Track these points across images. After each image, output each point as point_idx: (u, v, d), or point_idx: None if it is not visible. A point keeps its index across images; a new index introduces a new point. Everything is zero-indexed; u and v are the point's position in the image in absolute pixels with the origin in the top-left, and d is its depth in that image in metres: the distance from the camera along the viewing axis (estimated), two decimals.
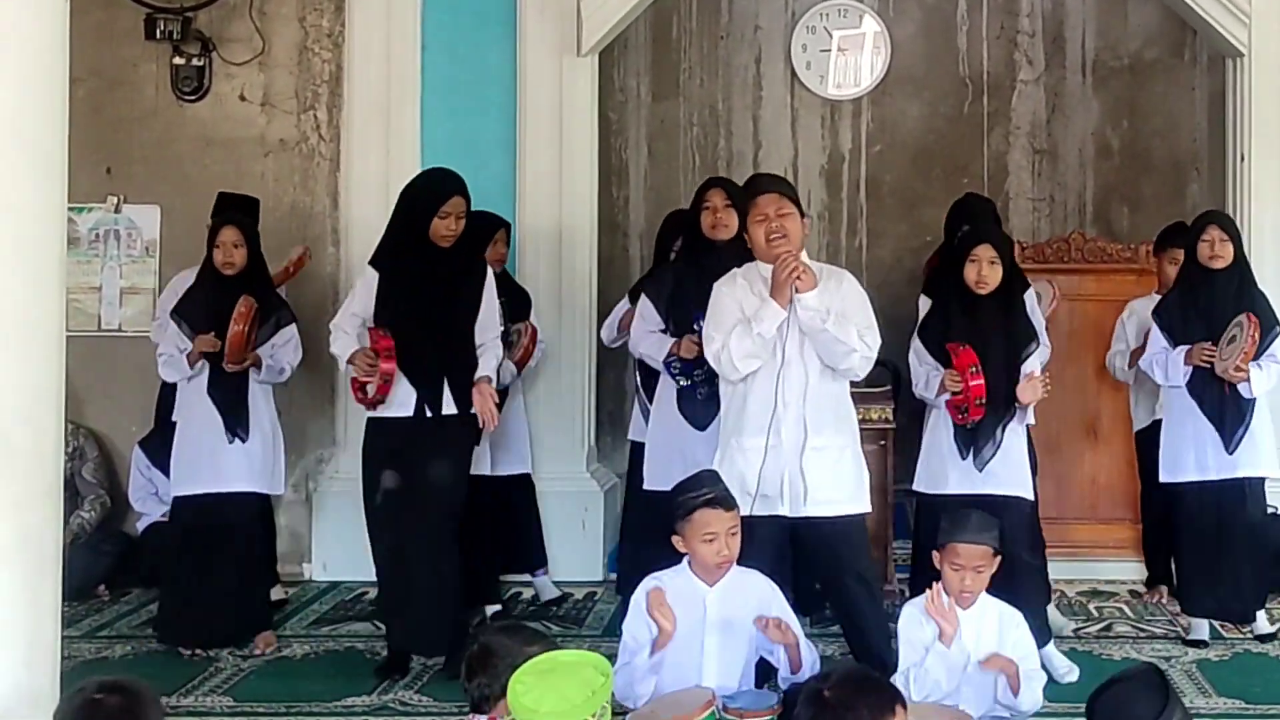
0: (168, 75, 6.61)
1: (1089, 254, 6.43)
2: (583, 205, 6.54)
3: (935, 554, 4.06)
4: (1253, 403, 5.15)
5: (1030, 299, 5.05)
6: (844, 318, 4.28)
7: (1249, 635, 5.33)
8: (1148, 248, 6.27)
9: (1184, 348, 5.20)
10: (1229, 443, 5.13)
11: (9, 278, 3.37)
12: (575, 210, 6.50)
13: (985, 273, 4.78)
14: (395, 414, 4.83)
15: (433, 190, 4.89)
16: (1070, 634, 5.39)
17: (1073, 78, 7.78)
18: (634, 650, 3.91)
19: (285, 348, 5.31)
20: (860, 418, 4.61)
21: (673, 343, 5.11)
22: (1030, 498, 4.88)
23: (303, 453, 6.46)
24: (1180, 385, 5.21)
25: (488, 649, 3.23)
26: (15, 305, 3.38)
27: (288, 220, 6.49)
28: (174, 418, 5.34)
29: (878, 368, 4.65)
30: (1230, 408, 5.13)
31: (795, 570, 4.52)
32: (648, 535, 4.81)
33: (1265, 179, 6.37)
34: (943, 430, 4.83)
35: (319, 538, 6.40)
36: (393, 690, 4.73)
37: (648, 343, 5.24)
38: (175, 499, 5.25)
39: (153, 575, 5.89)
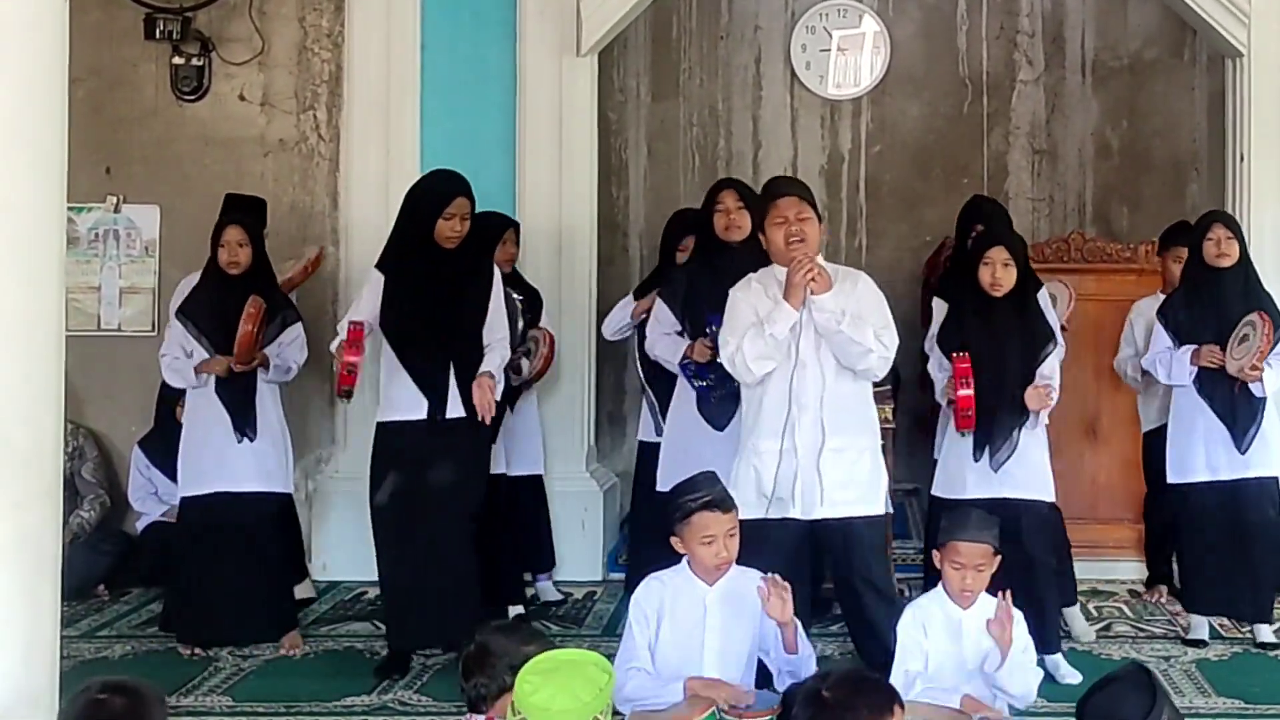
0: (167, 75, 6.60)
1: (1089, 254, 6.41)
2: (582, 205, 6.53)
3: (935, 553, 4.06)
4: (1264, 401, 5.12)
5: (1044, 299, 5.02)
6: (859, 319, 4.29)
7: (1249, 636, 5.32)
8: (1147, 248, 6.26)
9: (1189, 347, 5.17)
10: (1241, 442, 5.09)
11: (8, 277, 3.36)
12: (575, 210, 6.49)
13: (1000, 275, 4.78)
14: (406, 417, 4.82)
15: (437, 192, 4.88)
16: (1092, 640, 5.27)
17: (1072, 78, 7.79)
18: (634, 651, 3.91)
19: (291, 346, 5.31)
20: None
21: (687, 345, 5.12)
22: (1050, 500, 4.86)
23: (303, 453, 6.43)
24: (1185, 384, 5.19)
25: (485, 648, 3.22)
26: (15, 305, 3.37)
27: (287, 220, 6.48)
28: (181, 418, 5.33)
29: None
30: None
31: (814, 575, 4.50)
32: (658, 536, 4.79)
33: (1265, 179, 6.35)
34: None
35: (319, 538, 6.38)
36: (392, 690, 4.72)
37: (663, 345, 5.25)
38: (183, 499, 5.23)
39: (152, 575, 5.90)
